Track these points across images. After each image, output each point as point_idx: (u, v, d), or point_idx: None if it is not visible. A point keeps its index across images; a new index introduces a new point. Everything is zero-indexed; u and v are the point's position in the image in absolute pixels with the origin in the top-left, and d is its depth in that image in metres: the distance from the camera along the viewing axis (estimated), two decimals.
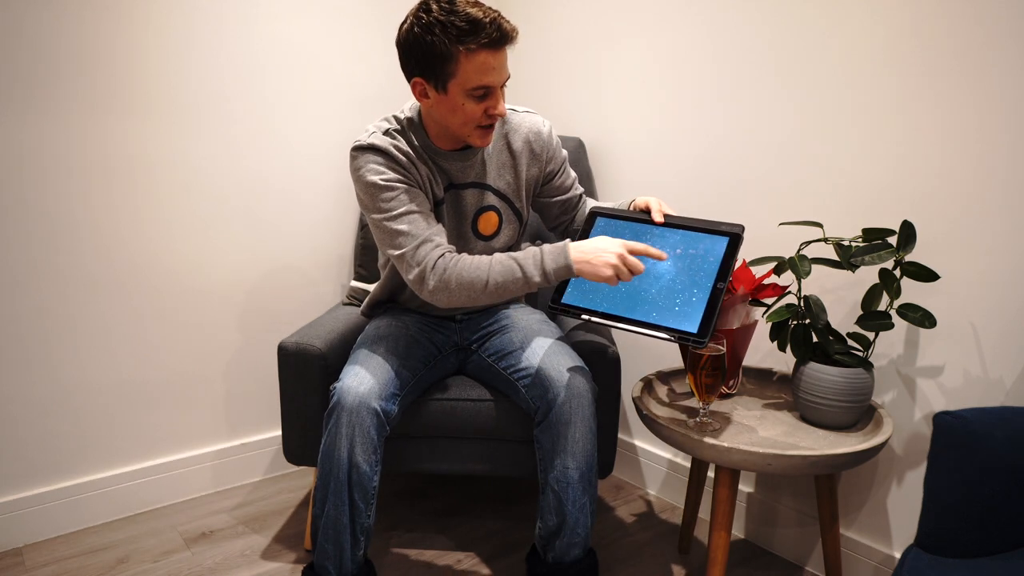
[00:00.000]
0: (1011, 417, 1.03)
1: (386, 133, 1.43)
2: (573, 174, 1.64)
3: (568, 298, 1.40)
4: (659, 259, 1.30)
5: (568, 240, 1.34)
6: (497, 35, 1.28)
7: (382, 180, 1.37)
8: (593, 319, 1.35)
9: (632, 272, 1.28)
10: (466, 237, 1.54)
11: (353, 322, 1.77)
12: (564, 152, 1.60)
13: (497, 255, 1.35)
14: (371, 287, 1.88)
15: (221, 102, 1.91)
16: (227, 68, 1.91)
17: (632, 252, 1.29)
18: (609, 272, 1.27)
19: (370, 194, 1.39)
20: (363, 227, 2.04)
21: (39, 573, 1.66)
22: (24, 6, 1.61)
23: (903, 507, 1.51)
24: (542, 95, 2.22)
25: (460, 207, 1.51)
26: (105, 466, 1.88)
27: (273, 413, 2.16)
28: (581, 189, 1.65)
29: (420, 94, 1.38)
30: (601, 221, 1.47)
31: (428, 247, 1.35)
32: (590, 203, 1.64)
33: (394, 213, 1.37)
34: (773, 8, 1.61)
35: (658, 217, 1.41)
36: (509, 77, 1.37)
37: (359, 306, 1.90)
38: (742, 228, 1.33)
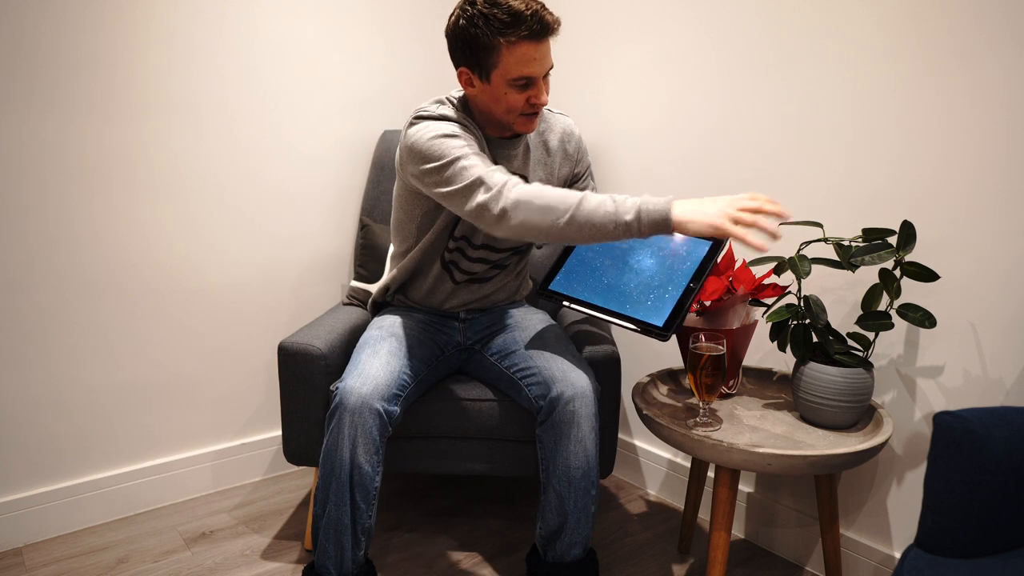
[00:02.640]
0: (1011, 417, 1.03)
1: (449, 108, 1.46)
2: (593, 184, 1.69)
3: (555, 285, 1.49)
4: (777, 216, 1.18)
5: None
6: (538, 27, 1.32)
7: (449, 131, 1.38)
8: (573, 306, 1.43)
9: (748, 216, 1.15)
10: None
11: (353, 322, 1.77)
12: (589, 159, 1.67)
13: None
14: (371, 287, 1.88)
15: (221, 102, 1.91)
16: (227, 68, 1.91)
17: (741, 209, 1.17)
18: (720, 220, 1.14)
19: (433, 146, 1.35)
20: (363, 227, 2.04)
21: (39, 573, 1.66)
22: (25, 6, 1.61)
23: (903, 507, 1.51)
24: None
25: None
26: (105, 466, 1.88)
27: (273, 413, 2.16)
28: None
29: (466, 83, 1.43)
30: None
31: (504, 172, 1.32)
32: None
33: (465, 152, 1.34)
34: (773, 8, 1.61)
35: None
36: (552, 67, 1.41)
37: (359, 306, 1.90)
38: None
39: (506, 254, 1.61)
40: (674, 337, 1.91)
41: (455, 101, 1.50)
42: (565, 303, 1.45)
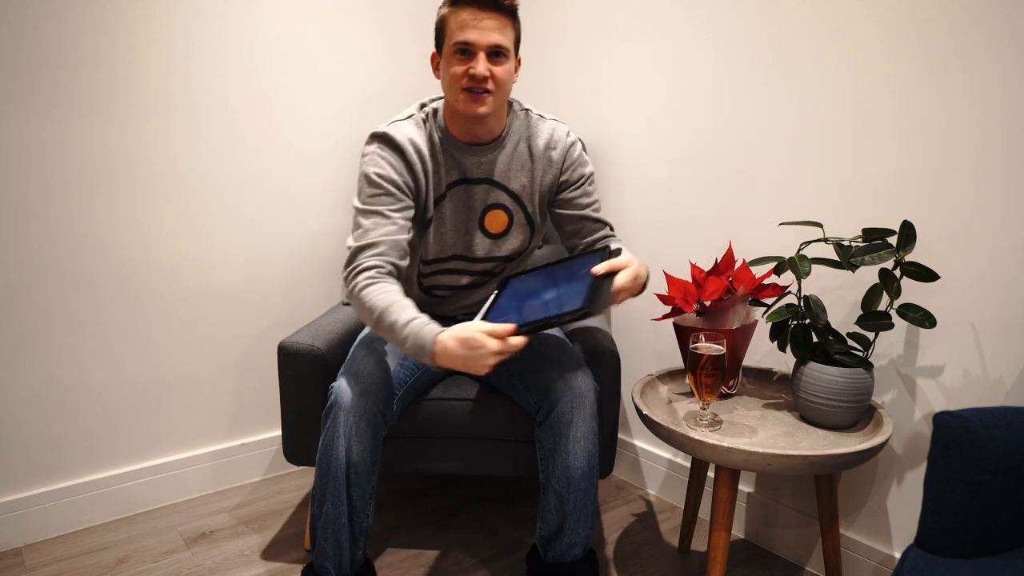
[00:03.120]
0: (1011, 417, 1.03)
1: (409, 118, 1.48)
2: (595, 198, 1.57)
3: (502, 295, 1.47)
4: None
5: (439, 331, 1.28)
6: None
7: (375, 175, 1.43)
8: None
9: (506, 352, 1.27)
10: (472, 233, 1.54)
11: (353, 322, 1.77)
12: (588, 169, 1.57)
13: (403, 302, 1.32)
14: None
15: (221, 102, 1.91)
16: (227, 68, 1.91)
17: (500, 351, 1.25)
18: (485, 370, 1.27)
19: (360, 182, 1.46)
20: None
21: (39, 573, 1.66)
22: (25, 6, 1.61)
23: (903, 507, 1.51)
24: (543, 95, 2.22)
25: (469, 201, 1.52)
26: (105, 466, 1.88)
27: (273, 413, 2.16)
28: (605, 220, 1.57)
29: (435, 67, 1.47)
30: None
31: (369, 253, 1.39)
32: (613, 244, 1.52)
33: (367, 208, 1.43)
34: (773, 8, 1.61)
35: (597, 269, 1.31)
36: (501, 48, 1.38)
37: None
38: (588, 312, 1.26)
39: (491, 264, 1.59)
40: (674, 337, 1.91)
41: (428, 110, 1.50)
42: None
